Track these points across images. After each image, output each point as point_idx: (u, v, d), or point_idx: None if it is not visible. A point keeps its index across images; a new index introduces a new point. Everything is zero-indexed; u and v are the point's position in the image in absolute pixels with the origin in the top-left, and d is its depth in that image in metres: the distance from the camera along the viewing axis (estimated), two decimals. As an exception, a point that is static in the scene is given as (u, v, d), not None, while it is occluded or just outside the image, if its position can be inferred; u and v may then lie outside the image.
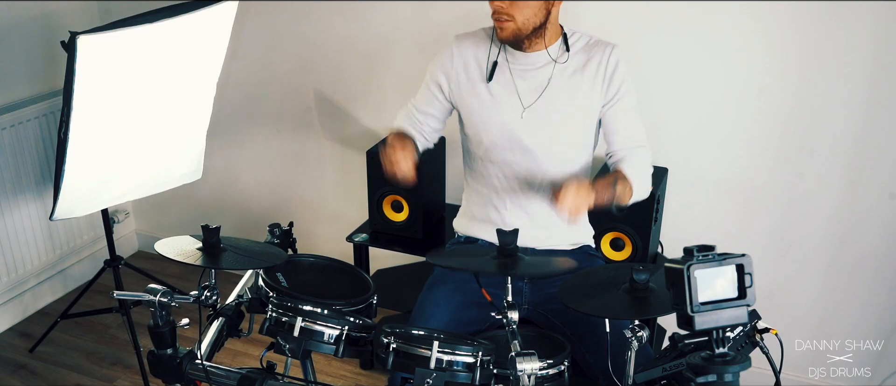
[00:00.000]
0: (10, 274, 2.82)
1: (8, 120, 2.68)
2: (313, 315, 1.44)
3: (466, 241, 1.99)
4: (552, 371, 1.41)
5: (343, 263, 1.79)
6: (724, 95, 2.22)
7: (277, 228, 1.78)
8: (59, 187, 1.99)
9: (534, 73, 1.80)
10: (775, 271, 2.32)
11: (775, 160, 2.22)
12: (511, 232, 1.52)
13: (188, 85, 2.25)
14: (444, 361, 1.33)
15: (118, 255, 2.64)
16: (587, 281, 1.49)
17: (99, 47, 1.84)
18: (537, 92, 1.80)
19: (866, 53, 2.02)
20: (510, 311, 1.45)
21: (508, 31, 1.73)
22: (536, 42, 1.77)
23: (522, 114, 1.80)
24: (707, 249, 1.09)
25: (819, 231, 2.25)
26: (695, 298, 1.08)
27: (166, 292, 1.47)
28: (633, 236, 2.15)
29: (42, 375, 2.61)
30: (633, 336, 1.30)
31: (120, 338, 2.80)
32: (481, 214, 1.93)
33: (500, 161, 1.85)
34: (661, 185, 2.20)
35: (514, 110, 1.81)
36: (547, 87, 1.79)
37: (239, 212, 3.17)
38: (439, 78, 1.89)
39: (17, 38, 2.75)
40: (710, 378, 1.10)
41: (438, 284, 1.84)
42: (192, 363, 1.49)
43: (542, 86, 1.80)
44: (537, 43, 1.77)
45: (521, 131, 1.81)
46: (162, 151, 2.30)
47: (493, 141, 1.83)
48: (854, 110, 2.09)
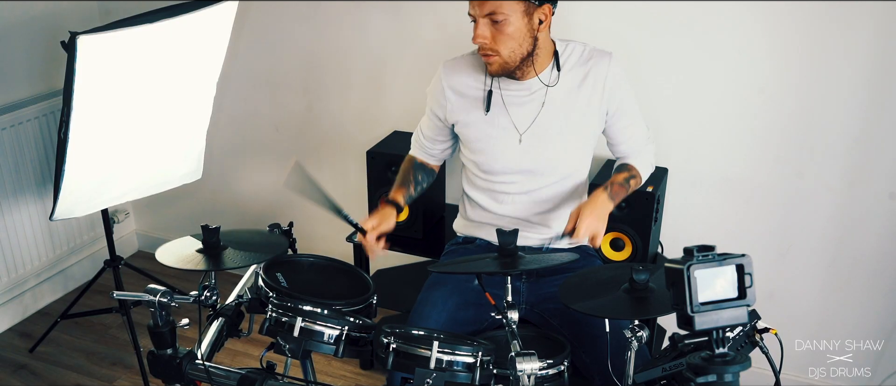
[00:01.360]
0: (10, 274, 2.83)
1: (8, 120, 2.68)
2: (313, 315, 1.44)
3: (465, 241, 2.00)
4: (552, 371, 1.41)
5: (343, 263, 1.79)
6: (724, 95, 2.22)
7: (277, 228, 1.78)
8: (59, 187, 1.99)
9: (527, 98, 1.80)
10: (775, 271, 2.32)
11: (775, 160, 2.22)
12: (511, 232, 1.52)
13: (188, 85, 2.25)
14: (444, 361, 1.33)
15: (118, 255, 2.64)
16: (587, 281, 1.49)
17: (99, 47, 1.84)
18: (532, 117, 1.80)
19: (866, 53, 2.02)
20: (510, 311, 1.45)
21: (496, 65, 1.72)
22: (527, 71, 1.76)
23: (520, 140, 1.81)
24: (707, 249, 1.09)
25: (819, 231, 2.25)
26: (695, 298, 1.08)
27: (166, 292, 1.47)
28: (633, 236, 2.15)
29: (42, 375, 2.61)
30: (632, 336, 1.30)
31: (120, 338, 2.80)
32: (479, 218, 1.94)
33: (499, 180, 1.87)
34: (661, 185, 2.20)
35: (511, 138, 1.81)
36: (541, 111, 1.79)
37: (239, 212, 3.17)
38: (435, 108, 1.90)
39: (17, 38, 2.75)
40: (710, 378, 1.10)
41: (437, 285, 1.85)
42: (192, 363, 1.49)
43: (537, 111, 1.80)
44: (528, 71, 1.76)
45: (520, 158, 1.82)
46: (162, 151, 2.30)
47: (492, 166, 1.85)
48: (854, 110, 2.09)
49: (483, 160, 1.86)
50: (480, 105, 1.82)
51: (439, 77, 1.88)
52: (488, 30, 1.67)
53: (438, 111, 1.90)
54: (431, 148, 1.99)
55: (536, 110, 1.80)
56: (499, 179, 1.86)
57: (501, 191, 1.87)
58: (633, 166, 1.89)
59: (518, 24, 1.65)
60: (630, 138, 1.88)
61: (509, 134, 1.81)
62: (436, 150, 1.99)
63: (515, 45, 1.68)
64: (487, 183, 1.88)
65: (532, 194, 1.86)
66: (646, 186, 2.11)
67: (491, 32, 1.67)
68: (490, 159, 1.84)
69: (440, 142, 1.97)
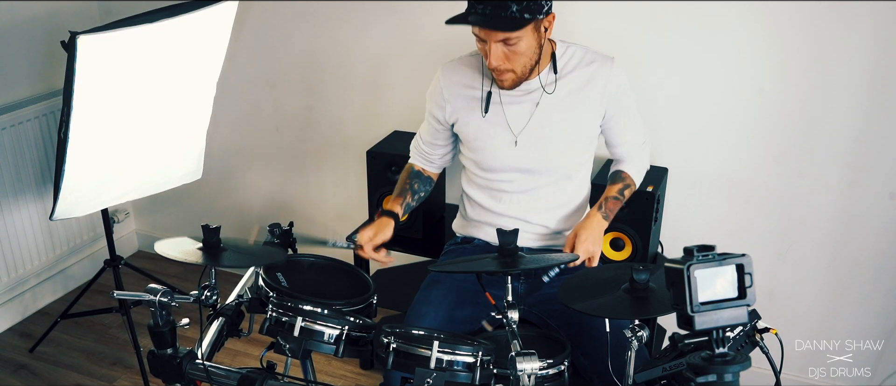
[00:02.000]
0: (10, 274, 2.83)
1: (8, 120, 2.68)
2: (313, 315, 1.44)
3: (464, 240, 2.00)
4: (552, 371, 1.41)
5: (343, 263, 1.79)
6: (724, 96, 2.22)
7: (277, 228, 1.78)
8: (59, 187, 1.99)
9: (525, 98, 1.80)
10: (775, 271, 2.32)
11: (775, 160, 2.22)
12: (511, 232, 1.52)
13: (188, 85, 2.25)
14: (444, 361, 1.33)
15: (118, 255, 2.64)
16: (587, 281, 1.49)
17: (99, 47, 1.84)
18: (528, 117, 1.80)
19: (866, 53, 2.02)
20: (510, 311, 1.45)
21: (509, 81, 1.74)
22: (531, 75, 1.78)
23: (516, 142, 1.82)
24: (707, 249, 1.09)
25: (819, 231, 2.25)
26: (695, 298, 1.08)
27: (166, 292, 1.47)
28: (633, 236, 2.15)
29: (42, 375, 2.61)
30: (633, 336, 1.30)
31: (120, 338, 2.80)
32: (479, 217, 1.94)
33: (498, 178, 1.87)
34: (661, 185, 2.21)
35: (506, 140, 1.82)
36: (536, 111, 1.80)
37: (239, 212, 3.17)
38: (435, 111, 1.91)
39: (17, 38, 2.75)
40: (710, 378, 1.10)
41: (435, 284, 1.85)
42: (192, 363, 1.49)
43: (532, 111, 1.80)
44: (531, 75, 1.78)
45: (517, 158, 1.83)
46: (162, 151, 2.30)
47: (490, 164, 1.86)
48: (854, 110, 2.09)
49: (481, 158, 1.86)
50: (479, 105, 1.83)
51: (438, 79, 1.89)
52: (501, 51, 1.67)
53: (437, 113, 1.90)
54: (430, 153, 1.99)
55: (532, 110, 1.80)
56: (497, 178, 1.87)
57: (500, 189, 1.88)
58: (627, 174, 1.91)
59: (529, 40, 1.67)
60: (627, 142, 1.90)
61: (507, 133, 1.82)
62: (435, 155, 1.99)
63: (527, 59, 1.70)
64: (487, 181, 1.89)
65: (531, 193, 1.86)
66: (646, 186, 2.11)
67: (504, 53, 1.68)
68: (488, 157, 1.85)
69: (439, 147, 1.97)
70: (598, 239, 1.80)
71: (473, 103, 1.84)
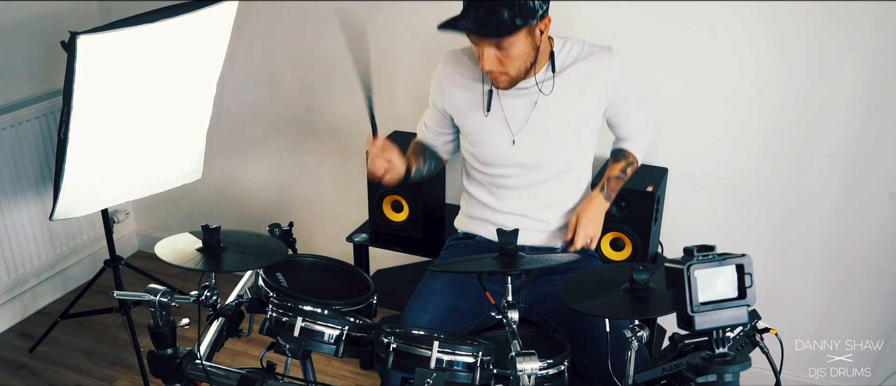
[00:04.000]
0: (10, 274, 2.83)
1: (8, 120, 2.68)
2: (313, 315, 1.44)
3: (465, 236, 2.00)
4: (552, 371, 1.41)
5: (343, 263, 1.79)
6: (724, 95, 2.22)
7: (277, 228, 1.78)
8: (59, 187, 1.99)
9: (525, 92, 1.80)
10: (775, 271, 2.32)
11: (775, 160, 2.22)
12: (511, 232, 1.52)
13: (188, 85, 2.25)
14: (444, 361, 1.33)
15: (118, 255, 2.63)
16: (587, 281, 1.49)
17: (99, 47, 1.84)
18: (528, 111, 1.80)
19: (866, 53, 2.02)
20: (510, 311, 1.45)
21: (504, 83, 1.74)
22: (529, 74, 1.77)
23: (514, 139, 1.82)
24: (707, 249, 1.10)
25: (819, 231, 2.25)
26: (695, 298, 1.08)
27: (166, 292, 1.47)
28: (633, 236, 2.15)
29: (42, 375, 2.61)
30: (633, 336, 1.30)
31: (120, 338, 2.80)
32: (480, 214, 1.94)
33: (497, 173, 1.87)
34: (661, 185, 2.20)
35: (505, 137, 1.82)
36: (536, 106, 1.80)
37: (239, 212, 3.17)
38: (436, 98, 1.92)
39: (17, 38, 2.75)
40: (710, 378, 1.10)
41: (436, 275, 1.85)
42: (192, 363, 1.49)
43: (532, 106, 1.80)
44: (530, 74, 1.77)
45: (517, 154, 1.83)
46: (162, 151, 2.30)
47: (491, 159, 1.86)
48: (854, 110, 2.09)
49: (480, 151, 1.86)
50: (479, 99, 1.83)
51: (440, 68, 1.89)
52: (495, 55, 1.67)
53: (438, 101, 1.91)
54: (435, 140, 1.99)
55: (532, 105, 1.80)
56: (496, 172, 1.86)
57: (499, 185, 1.87)
58: (629, 152, 1.94)
59: (523, 44, 1.66)
60: (632, 123, 1.93)
61: (505, 129, 1.82)
62: (439, 142, 1.99)
63: (521, 63, 1.70)
64: (486, 177, 1.89)
65: (530, 189, 1.86)
66: (646, 186, 2.11)
67: (497, 57, 1.67)
68: (486, 150, 1.85)
69: (443, 134, 1.97)
70: (599, 222, 1.83)
71: (474, 97, 1.84)
